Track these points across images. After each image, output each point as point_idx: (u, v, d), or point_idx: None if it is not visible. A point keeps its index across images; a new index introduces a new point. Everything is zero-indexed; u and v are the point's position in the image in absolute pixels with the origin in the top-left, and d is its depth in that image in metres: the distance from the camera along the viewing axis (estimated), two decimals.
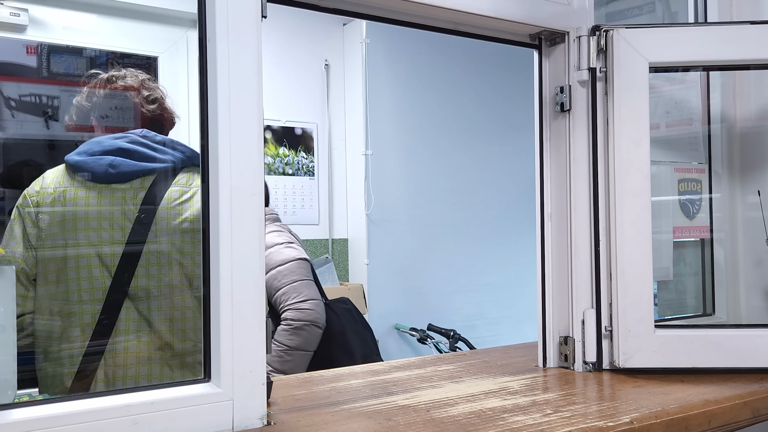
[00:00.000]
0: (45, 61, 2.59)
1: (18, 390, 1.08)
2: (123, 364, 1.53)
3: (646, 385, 1.32)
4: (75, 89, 2.62)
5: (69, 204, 1.55)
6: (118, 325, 1.53)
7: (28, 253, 1.54)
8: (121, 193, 1.57)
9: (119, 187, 1.57)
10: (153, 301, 1.54)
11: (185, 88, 2.79)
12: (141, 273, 1.54)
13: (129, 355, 1.54)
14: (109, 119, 1.73)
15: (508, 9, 1.37)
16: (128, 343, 1.54)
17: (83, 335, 1.54)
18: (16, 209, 1.58)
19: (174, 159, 1.62)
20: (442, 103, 4.26)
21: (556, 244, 1.48)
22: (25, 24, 2.61)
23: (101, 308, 1.53)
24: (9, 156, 2.54)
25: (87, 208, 1.55)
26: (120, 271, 1.53)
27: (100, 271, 1.54)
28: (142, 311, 1.55)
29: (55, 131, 2.56)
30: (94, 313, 1.53)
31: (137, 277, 1.53)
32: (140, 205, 1.57)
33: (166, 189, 1.58)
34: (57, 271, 1.54)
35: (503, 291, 4.38)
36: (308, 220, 4.08)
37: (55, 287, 1.54)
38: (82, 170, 1.58)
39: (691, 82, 1.86)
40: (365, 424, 1.08)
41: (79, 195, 1.56)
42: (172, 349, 1.55)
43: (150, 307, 1.54)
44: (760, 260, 1.73)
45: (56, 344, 1.55)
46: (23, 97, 2.51)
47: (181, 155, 1.65)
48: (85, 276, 1.53)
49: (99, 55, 2.69)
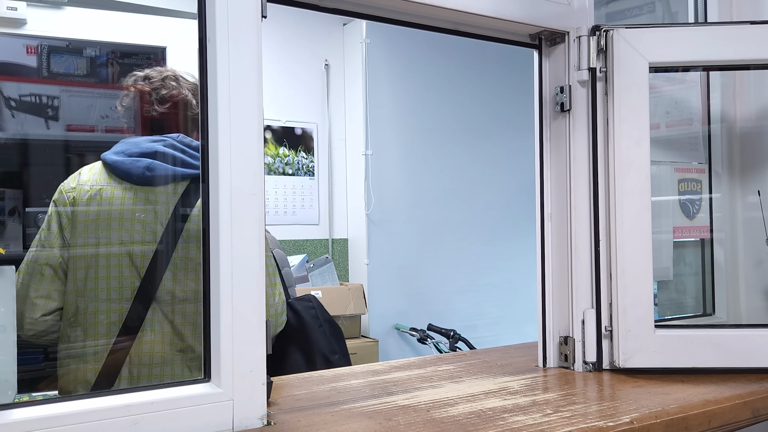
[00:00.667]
0: (45, 61, 2.59)
1: (18, 393, 1.08)
2: (147, 363, 1.55)
3: (646, 385, 1.32)
4: (75, 89, 2.62)
5: (105, 203, 1.57)
6: (144, 325, 1.54)
7: (64, 249, 1.57)
8: (155, 196, 1.58)
9: (154, 190, 1.59)
10: (177, 305, 1.55)
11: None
12: (168, 277, 1.55)
13: (153, 355, 1.55)
14: (134, 120, 1.74)
15: (508, 9, 1.38)
16: (153, 344, 1.55)
17: (109, 333, 1.55)
18: (52, 204, 1.61)
19: None
20: (442, 103, 4.26)
21: (556, 244, 1.48)
22: (23, 18, 2.60)
23: (129, 307, 1.55)
24: (9, 156, 2.54)
25: (122, 208, 1.57)
26: (149, 273, 1.55)
27: (129, 271, 1.55)
28: (167, 313, 1.56)
29: (55, 131, 2.56)
30: (122, 311, 1.55)
31: (165, 280, 1.55)
32: (173, 210, 1.58)
33: (198, 196, 1.59)
34: (86, 268, 1.56)
35: (503, 291, 4.38)
36: (308, 220, 4.08)
37: (83, 284, 1.56)
38: (120, 170, 1.60)
39: (691, 82, 1.86)
40: (365, 424, 1.08)
41: (115, 195, 1.58)
42: (194, 351, 1.56)
43: (174, 310, 1.55)
44: (760, 260, 1.73)
45: (81, 340, 1.57)
46: (23, 97, 2.51)
47: None
48: (116, 275, 1.55)
49: (99, 54, 2.69)
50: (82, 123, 2.60)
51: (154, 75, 1.72)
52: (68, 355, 1.59)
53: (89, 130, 2.62)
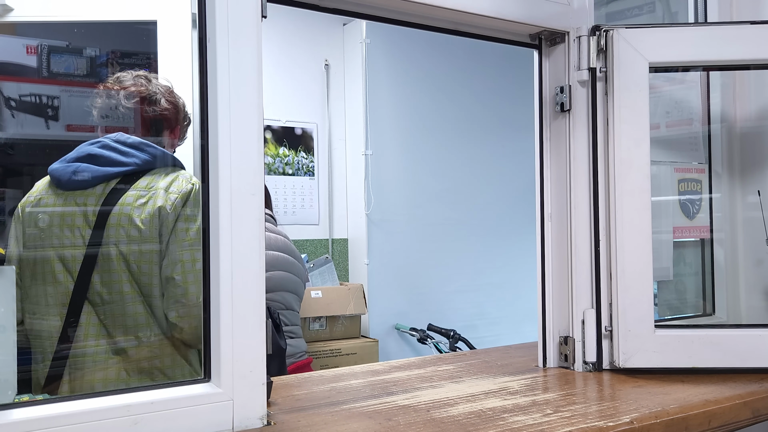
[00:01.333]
0: (45, 61, 2.59)
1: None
2: (83, 368, 1.56)
3: (646, 385, 1.32)
4: (75, 89, 2.62)
5: (41, 211, 1.60)
6: (79, 330, 1.56)
7: (16, 260, 1.61)
8: (83, 199, 1.59)
9: (84, 193, 1.59)
10: (107, 307, 1.56)
11: (188, 58, 2.64)
12: (96, 279, 1.56)
13: (88, 359, 1.57)
14: (109, 119, 1.74)
15: (508, 9, 1.37)
16: (88, 348, 1.56)
17: (51, 338, 1.57)
18: (15, 212, 1.64)
19: (139, 161, 1.61)
20: (442, 103, 4.25)
21: (556, 244, 1.48)
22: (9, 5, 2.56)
23: (66, 312, 1.56)
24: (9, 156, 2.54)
25: (53, 214, 1.59)
26: (80, 277, 1.56)
27: (64, 276, 1.57)
28: (100, 316, 1.57)
29: (56, 131, 2.56)
30: (62, 316, 1.56)
31: (93, 283, 1.56)
32: (99, 211, 1.58)
33: (124, 192, 1.59)
34: (30, 276, 1.59)
35: (503, 291, 4.37)
36: (308, 220, 4.08)
37: (27, 291, 1.59)
38: (53, 177, 1.62)
39: (691, 82, 1.86)
40: (365, 424, 1.08)
41: (49, 202, 1.60)
42: (127, 354, 1.57)
43: (105, 312, 1.56)
44: (760, 260, 1.73)
45: (28, 346, 1.59)
46: (23, 97, 2.51)
47: (148, 157, 1.63)
48: (51, 281, 1.57)
49: (99, 54, 2.69)
50: (82, 123, 2.60)
51: (126, 76, 1.75)
52: (21, 362, 1.60)
53: (89, 130, 2.61)
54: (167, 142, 1.78)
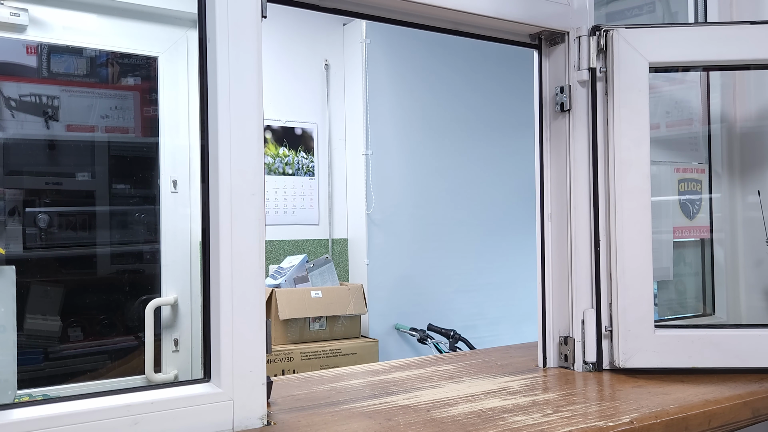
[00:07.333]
0: (45, 61, 2.59)
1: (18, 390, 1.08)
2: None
3: (646, 385, 1.32)
4: (75, 89, 2.62)
5: None
6: None
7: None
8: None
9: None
10: None
11: (185, 89, 2.78)
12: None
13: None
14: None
15: (508, 9, 1.37)
16: None
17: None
18: None
19: None
20: (442, 103, 4.25)
21: (556, 244, 1.48)
22: (25, 24, 2.61)
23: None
24: (9, 156, 2.54)
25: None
26: None
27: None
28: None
29: (55, 131, 2.56)
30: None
31: None
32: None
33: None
34: None
35: (503, 291, 4.38)
36: (308, 220, 4.08)
37: None
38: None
39: (691, 82, 1.86)
40: (365, 424, 1.08)
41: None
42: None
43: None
44: (760, 260, 1.73)
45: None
46: (23, 97, 2.51)
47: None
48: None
49: (99, 55, 2.69)
50: (82, 123, 2.60)
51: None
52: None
53: (89, 130, 2.62)
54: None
